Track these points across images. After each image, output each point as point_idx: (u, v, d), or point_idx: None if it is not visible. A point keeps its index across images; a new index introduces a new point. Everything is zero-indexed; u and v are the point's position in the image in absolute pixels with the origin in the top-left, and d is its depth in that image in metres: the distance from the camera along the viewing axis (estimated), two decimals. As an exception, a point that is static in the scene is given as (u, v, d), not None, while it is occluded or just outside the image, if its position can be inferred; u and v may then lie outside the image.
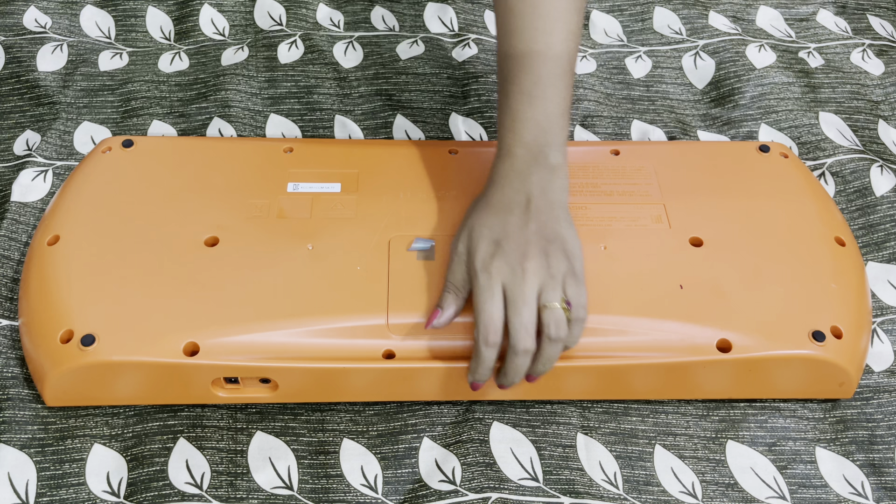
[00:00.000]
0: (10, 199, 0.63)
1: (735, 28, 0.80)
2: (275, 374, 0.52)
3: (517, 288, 0.49)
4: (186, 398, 0.54)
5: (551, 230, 0.51)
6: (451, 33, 0.79)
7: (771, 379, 0.54)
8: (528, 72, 0.53)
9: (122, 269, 0.55)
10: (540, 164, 0.52)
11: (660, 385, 0.55)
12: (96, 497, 0.51)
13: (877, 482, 0.54)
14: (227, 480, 0.52)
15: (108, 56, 0.76)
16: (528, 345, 0.49)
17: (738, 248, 0.57)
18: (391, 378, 0.53)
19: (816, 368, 0.53)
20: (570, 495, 0.52)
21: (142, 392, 0.53)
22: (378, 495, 0.52)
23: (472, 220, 0.53)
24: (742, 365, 0.53)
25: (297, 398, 0.54)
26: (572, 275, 0.50)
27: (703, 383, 0.55)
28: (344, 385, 0.53)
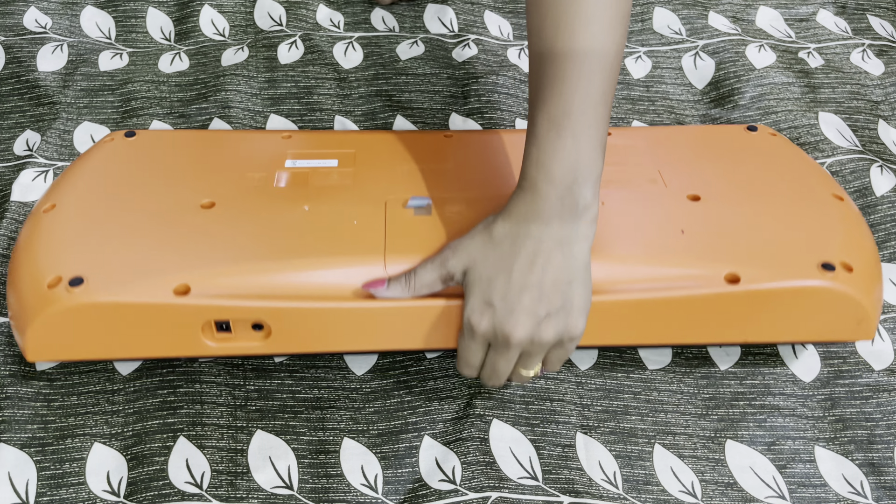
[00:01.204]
0: (10, 198, 0.63)
1: (735, 28, 0.80)
2: (268, 315, 0.50)
3: (497, 354, 0.49)
4: (176, 349, 0.51)
5: (557, 297, 0.47)
6: (451, 34, 0.79)
7: (785, 316, 0.53)
8: (557, 94, 0.46)
9: (115, 227, 0.54)
10: (566, 208, 0.47)
11: (671, 326, 0.53)
12: (96, 496, 0.51)
13: (876, 481, 0.54)
14: (227, 480, 0.52)
15: (109, 56, 0.76)
16: (498, 385, 0.51)
17: (738, 201, 0.57)
18: (387, 319, 0.51)
19: (830, 302, 0.52)
20: (570, 494, 0.52)
21: (128, 341, 0.51)
22: (378, 495, 0.52)
23: (474, 247, 0.49)
24: (753, 299, 0.51)
25: (290, 347, 0.52)
26: (562, 343, 0.48)
27: (717, 324, 0.53)
28: (339, 330, 0.51)
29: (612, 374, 0.58)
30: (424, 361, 0.57)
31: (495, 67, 0.76)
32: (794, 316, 0.53)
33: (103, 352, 0.52)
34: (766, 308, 0.52)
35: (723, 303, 0.52)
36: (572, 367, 0.58)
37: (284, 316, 0.50)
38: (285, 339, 0.51)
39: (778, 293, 0.51)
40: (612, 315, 0.52)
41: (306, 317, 0.50)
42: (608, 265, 0.52)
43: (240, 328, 0.51)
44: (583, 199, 0.47)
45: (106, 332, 0.50)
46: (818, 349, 0.59)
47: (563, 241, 0.47)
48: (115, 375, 0.56)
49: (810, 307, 0.52)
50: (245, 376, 0.57)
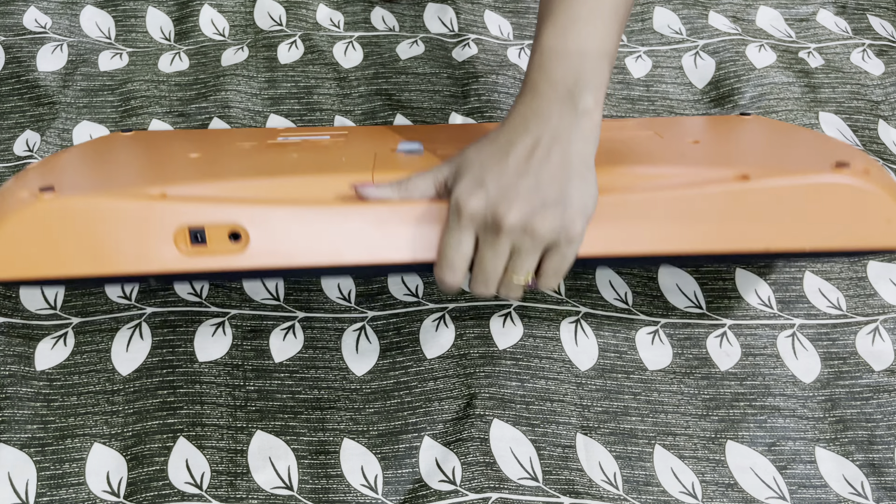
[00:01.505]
0: (10, 199, 0.64)
1: (735, 28, 0.80)
2: (246, 220, 0.47)
3: (485, 245, 0.44)
4: (147, 262, 0.47)
5: (554, 188, 0.44)
6: (451, 33, 0.78)
7: (803, 219, 0.49)
8: (567, 5, 0.46)
9: (98, 164, 0.53)
10: (565, 106, 0.45)
11: (684, 228, 0.49)
12: (96, 497, 0.51)
13: (876, 482, 0.54)
14: (227, 480, 0.52)
15: (108, 56, 0.76)
16: (486, 294, 0.46)
17: (740, 146, 0.56)
18: (373, 223, 0.47)
19: (850, 200, 0.48)
20: (570, 495, 0.52)
21: (98, 253, 0.47)
22: (378, 495, 0.52)
23: (468, 149, 0.47)
24: (766, 198, 0.48)
25: (269, 260, 0.47)
26: (559, 244, 0.44)
27: (731, 227, 0.49)
28: (321, 238, 0.48)
29: (613, 375, 0.58)
30: (425, 362, 0.57)
31: (495, 67, 0.75)
32: (813, 218, 0.49)
33: (72, 266, 0.47)
34: (781, 209, 0.48)
35: (735, 201, 0.48)
36: (572, 368, 0.58)
37: (264, 220, 0.47)
38: (264, 249, 0.47)
39: (792, 191, 0.48)
40: (619, 216, 0.48)
41: (287, 221, 0.47)
42: (615, 169, 0.49)
43: (216, 239, 0.47)
44: (583, 104, 0.46)
45: (74, 242, 0.46)
46: (818, 349, 0.59)
47: (562, 137, 0.45)
48: (116, 376, 0.56)
49: (830, 207, 0.49)
50: (245, 377, 0.57)
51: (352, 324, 0.59)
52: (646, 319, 0.60)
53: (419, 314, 0.59)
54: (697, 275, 0.62)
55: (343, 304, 0.60)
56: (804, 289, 0.62)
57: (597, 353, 0.58)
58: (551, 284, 0.46)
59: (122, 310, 0.59)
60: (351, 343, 0.58)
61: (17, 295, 0.59)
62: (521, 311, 0.59)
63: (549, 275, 0.46)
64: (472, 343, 0.58)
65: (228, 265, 0.47)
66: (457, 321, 0.59)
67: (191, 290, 0.59)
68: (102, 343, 0.57)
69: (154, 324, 0.58)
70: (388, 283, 0.60)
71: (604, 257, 0.50)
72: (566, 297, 0.60)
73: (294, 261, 0.48)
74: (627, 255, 0.49)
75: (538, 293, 0.60)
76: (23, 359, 0.56)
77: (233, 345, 0.58)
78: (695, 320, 0.60)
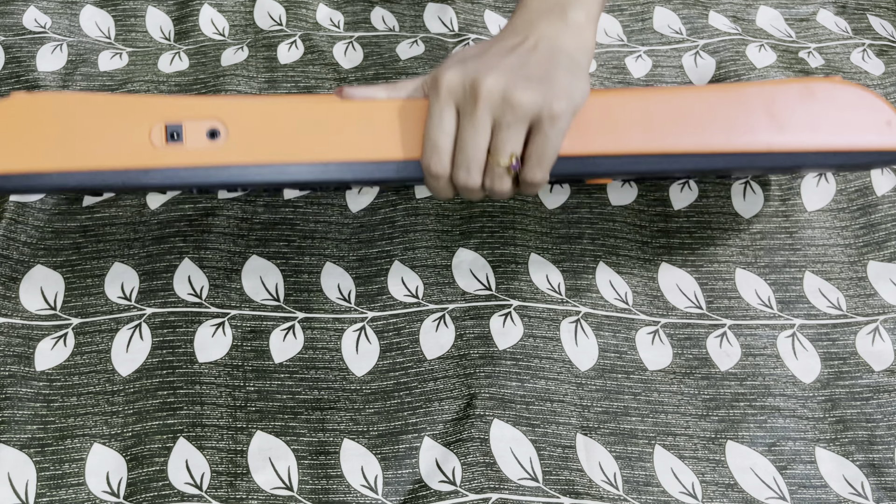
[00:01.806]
0: (10, 198, 0.63)
1: (735, 28, 0.80)
2: (225, 112, 0.46)
3: (465, 119, 0.42)
4: (119, 158, 0.45)
5: (539, 69, 0.42)
6: (452, 33, 0.78)
7: (805, 118, 0.48)
8: None
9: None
10: (555, 17, 0.44)
11: (679, 125, 0.48)
12: (96, 497, 0.51)
13: (877, 482, 0.54)
14: (227, 481, 0.52)
15: (108, 56, 0.75)
16: (469, 184, 0.43)
17: None
18: (355, 116, 0.46)
19: (850, 102, 0.48)
20: (570, 496, 0.52)
21: (70, 147, 0.45)
22: (378, 496, 0.52)
23: (455, 51, 0.47)
24: (761, 97, 0.48)
25: (246, 156, 0.46)
26: (541, 122, 0.42)
27: (730, 124, 0.48)
28: (301, 132, 0.46)
29: (613, 375, 0.58)
30: (425, 363, 0.57)
31: (495, 67, 0.75)
32: (813, 118, 0.48)
33: (44, 161, 0.46)
34: (781, 109, 0.48)
35: (732, 101, 0.48)
36: (572, 368, 0.58)
37: (245, 114, 0.46)
38: (243, 146, 0.46)
39: (791, 91, 0.48)
40: (611, 114, 0.47)
41: (268, 114, 0.46)
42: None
43: (193, 136, 0.46)
44: (574, 17, 0.45)
45: (48, 135, 0.45)
46: (818, 349, 0.59)
47: (552, 39, 0.44)
48: (116, 376, 0.56)
49: (829, 108, 0.48)
50: (245, 377, 0.57)
51: (352, 324, 0.59)
52: (646, 319, 0.60)
53: (419, 314, 0.59)
54: (697, 275, 0.62)
55: (343, 304, 0.60)
56: (804, 289, 0.62)
57: (597, 354, 0.58)
58: (536, 176, 0.44)
59: (122, 310, 0.59)
60: (351, 343, 0.58)
61: (17, 295, 0.59)
62: (521, 312, 0.59)
63: (534, 161, 0.43)
64: (472, 343, 0.58)
65: (204, 160, 0.46)
66: (457, 321, 0.59)
67: (190, 291, 0.59)
68: (102, 344, 0.57)
69: (154, 324, 0.58)
70: (388, 284, 0.60)
71: (594, 156, 0.47)
72: (566, 296, 0.60)
73: (273, 156, 0.46)
74: (620, 153, 0.47)
75: (528, 200, 0.60)
76: (22, 359, 0.56)
77: (233, 345, 0.58)
78: (695, 320, 0.60)
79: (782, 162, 0.49)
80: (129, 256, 0.61)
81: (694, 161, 0.49)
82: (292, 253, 0.61)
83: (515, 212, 0.63)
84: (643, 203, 0.65)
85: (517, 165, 0.42)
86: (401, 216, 0.63)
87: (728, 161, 0.49)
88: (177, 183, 0.46)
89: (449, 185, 0.45)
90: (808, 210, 0.65)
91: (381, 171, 0.47)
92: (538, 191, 0.46)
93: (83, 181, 0.46)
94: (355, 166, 0.47)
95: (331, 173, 0.47)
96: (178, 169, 0.46)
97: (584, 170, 0.48)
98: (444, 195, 0.46)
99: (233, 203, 0.63)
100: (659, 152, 0.48)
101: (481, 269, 0.61)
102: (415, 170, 0.46)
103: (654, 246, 0.63)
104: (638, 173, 0.51)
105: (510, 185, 0.44)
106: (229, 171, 0.46)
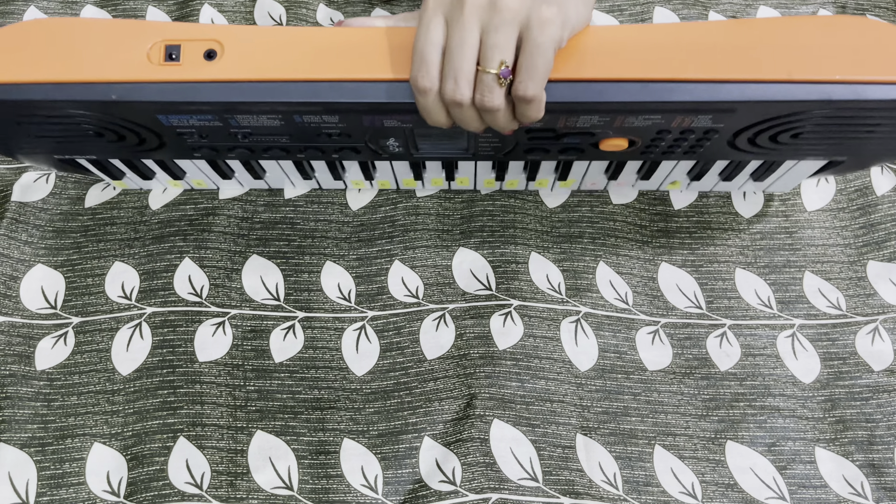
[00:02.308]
0: (11, 199, 0.63)
1: (735, 28, 0.80)
2: (222, 37, 0.46)
3: (453, 25, 0.40)
4: (115, 71, 0.46)
5: None
6: (452, 33, 0.78)
7: (818, 48, 0.45)
8: None
9: None
10: None
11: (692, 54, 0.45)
12: (96, 496, 0.51)
13: (876, 482, 0.54)
14: (227, 480, 0.52)
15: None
16: (456, 97, 0.41)
17: None
18: (353, 42, 0.46)
19: (860, 29, 0.45)
20: (570, 496, 0.52)
21: (70, 61, 0.46)
22: (378, 496, 0.52)
23: None
24: (773, 28, 0.45)
25: (241, 74, 0.46)
26: (530, 28, 0.40)
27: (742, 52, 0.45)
28: (297, 54, 0.46)
29: (612, 375, 0.58)
30: (425, 363, 0.57)
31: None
32: (836, 49, 0.45)
33: (45, 71, 0.46)
34: (792, 40, 0.45)
35: (743, 31, 0.45)
36: (572, 368, 0.58)
37: (241, 37, 0.46)
38: (238, 63, 0.46)
39: (806, 22, 0.45)
40: (625, 40, 0.45)
41: (265, 38, 0.46)
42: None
43: (190, 56, 0.46)
44: None
45: (51, 51, 0.46)
46: (818, 349, 0.59)
47: None
48: (116, 376, 0.56)
49: (842, 37, 0.45)
50: (245, 377, 0.57)
51: (352, 323, 0.59)
52: (646, 319, 0.60)
53: (419, 314, 0.59)
54: (697, 275, 0.62)
55: (343, 303, 0.60)
56: (804, 289, 0.62)
57: (597, 354, 0.59)
58: (529, 89, 0.41)
59: (123, 309, 0.59)
60: (351, 343, 0.58)
61: (18, 294, 0.59)
62: (521, 311, 0.59)
63: (525, 72, 0.41)
64: (473, 343, 0.58)
65: (199, 76, 0.46)
66: (457, 321, 0.59)
67: (191, 290, 0.59)
68: (102, 343, 0.58)
69: (154, 323, 0.58)
70: (388, 283, 0.60)
71: (592, 80, 0.45)
72: (566, 296, 0.60)
73: (266, 75, 0.46)
74: (625, 79, 0.45)
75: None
76: (23, 358, 0.56)
77: (233, 345, 0.58)
78: (695, 320, 0.60)
79: (804, 95, 0.45)
80: (130, 256, 0.61)
81: (704, 91, 0.45)
82: (292, 252, 0.61)
83: (516, 211, 0.63)
84: (643, 202, 0.65)
85: (507, 72, 0.40)
86: (401, 215, 0.63)
87: (743, 92, 0.45)
88: (170, 99, 0.47)
89: (439, 102, 0.43)
90: (808, 210, 0.65)
91: (373, 91, 0.46)
92: (535, 115, 0.43)
93: (78, 94, 0.47)
94: (347, 86, 0.46)
95: (323, 93, 0.46)
96: (172, 83, 0.46)
97: (588, 98, 0.45)
98: (435, 118, 0.44)
99: (233, 203, 0.63)
100: (667, 78, 0.45)
101: (481, 269, 0.61)
102: (406, 91, 0.46)
103: (654, 246, 0.63)
104: (643, 108, 0.47)
105: (502, 100, 0.41)
106: (222, 87, 0.46)
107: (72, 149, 0.55)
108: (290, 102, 0.47)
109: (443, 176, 0.61)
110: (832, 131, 0.50)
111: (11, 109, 0.48)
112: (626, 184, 0.64)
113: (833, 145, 0.53)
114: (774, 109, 0.46)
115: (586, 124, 0.49)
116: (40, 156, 0.57)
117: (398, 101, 0.46)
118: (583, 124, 0.49)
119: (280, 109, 0.48)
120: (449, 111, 0.43)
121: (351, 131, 0.51)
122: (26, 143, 0.53)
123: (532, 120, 0.44)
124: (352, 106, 0.47)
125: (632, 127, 0.49)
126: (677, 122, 0.49)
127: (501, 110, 0.42)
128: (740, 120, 0.48)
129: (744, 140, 0.51)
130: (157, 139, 0.52)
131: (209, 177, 0.61)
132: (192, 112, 0.49)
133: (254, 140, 0.52)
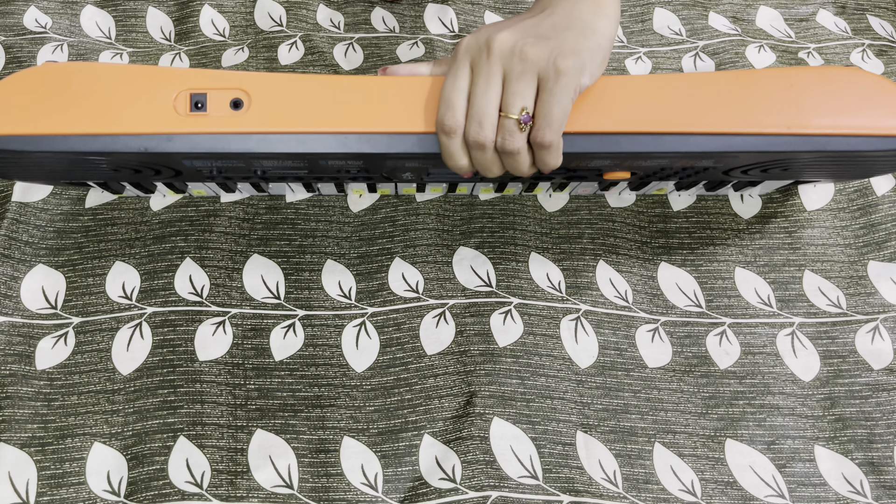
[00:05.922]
0: (11, 199, 0.64)
1: (735, 28, 0.80)
2: (249, 85, 0.46)
3: (478, 72, 0.43)
4: (142, 124, 0.46)
5: (552, 30, 0.44)
6: (452, 34, 0.79)
7: (821, 102, 0.47)
8: None
9: None
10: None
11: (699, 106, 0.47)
12: (96, 496, 0.51)
13: (876, 481, 0.54)
14: (228, 479, 0.52)
15: (109, 56, 0.76)
16: (480, 138, 0.43)
17: None
18: (382, 89, 0.47)
19: (862, 84, 0.48)
20: (570, 493, 0.52)
21: (95, 112, 0.46)
22: (378, 493, 0.52)
23: None
24: (778, 79, 0.48)
25: (269, 125, 0.46)
26: (547, 78, 0.42)
27: (748, 106, 0.48)
28: (324, 105, 0.47)
29: (612, 373, 0.58)
30: (425, 359, 0.58)
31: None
32: (830, 102, 0.47)
33: (70, 124, 0.46)
34: (796, 90, 0.48)
35: (748, 83, 0.48)
36: (572, 365, 0.58)
37: (268, 85, 0.46)
38: (265, 113, 0.46)
39: (805, 72, 0.48)
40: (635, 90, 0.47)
41: (292, 87, 0.47)
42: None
43: (217, 105, 0.46)
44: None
45: (75, 101, 0.46)
46: (817, 348, 0.59)
47: (571, 8, 0.45)
48: (116, 375, 0.56)
49: (843, 90, 0.48)
50: (245, 375, 0.57)
51: (352, 320, 0.59)
52: (646, 317, 0.60)
53: (419, 310, 0.59)
54: (697, 273, 0.62)
55: (343, 300, 0.60)
56: (804, 287, 0.62)
57: (597, 351, 0.59)
58: (546, 136, 0.44)
59: (123, 309, 0.59)
60: (351, 339, 0.58)
61: (19, 294, 0.59)
62: (521, 309, 0.59)
63: (542, 119, 0.43)
64: (473, 340, 0.58)
65: (227, 127, 0.46)
66: (457, 318, 0.59)
67: (191, 290, 0.59)
68: (103, 342, 0.58)
69: (154, 323, 0.58)
70: (388, 279, 0.60)
71: (609, 134, 0.47)
72: (566, 294, 0.60)
73: (294, 126, 0.46)
74: (636, 132, 0.47)
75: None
76: (23, 358, 0.56)
77: (233, 343, 0.58)
78: (694, 318, 0.60)
79: (801, 146, 0.48)
80: (131, 256, 0.61)
81: (712, 143, 0.48)
82: (293, 251, 0.61)
83: (515, 213, 0.63)
84: (642, 205, 0.65)
85: (527, 118, 0.43)
86: (402, 215, 0.63)
87: (746, 143, 0.48)
88: (199, 150, 0.47)
89: (462, 146, 0.45)
90: (808, 210, 0.65)
91: (400, 143, 0.47)
92: (553, 162, 0.45)
93: (107, 145, 0.46)
94: (375, 138, 0.47)
95: (351, 145, 0.47)
96: (200, 135, 0.46)
97: (604, 149, 0.47)
98: (457, 161, 0.45)
99: (235, 205, 0.63)
100: (677, 131, 0.47)
101: (482, 265, 0.61)
102: (431, 143, 0.46)
103: (653, 245, 0.63)
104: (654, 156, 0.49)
105: (523, 143, 0.44)
106: (250, 139, 0.47)
107: (82, 177, 0.55)
108: (319, 153, 0.47)
109: (444, 187, 0.62)
110: (822, 166, 0.53)
111: (39, 160, 0.48)
112: (616, 192, 0.65)
113: (820, 174, 0.56)
114: (773, 156, 0.49)
115: (597, 164, 0.51)
116: (44, 181, 0.56)
117: (425, 151, 0.47)
118: (594, 165, 0.51)
119: (307, 158, 0.48)
120: (471, 155, 0.45)
121: (371, 170, 0.52)
122: (33, 175, 0.53)
123: (550, 168, 0.46)
124: (379, 157, 0.48)
125: (639, 165, 0.51)
126: (682, 163, 0.51)
127: (522, 154, 0.44)
128: (739, 162, 0.51)
129: (737, 171, 0.54)
130: (174, 172, 0.52)
131: (211, 189, 0.62)
132: (220, 159, 0.49)
133: (271, 173, 0.53)
